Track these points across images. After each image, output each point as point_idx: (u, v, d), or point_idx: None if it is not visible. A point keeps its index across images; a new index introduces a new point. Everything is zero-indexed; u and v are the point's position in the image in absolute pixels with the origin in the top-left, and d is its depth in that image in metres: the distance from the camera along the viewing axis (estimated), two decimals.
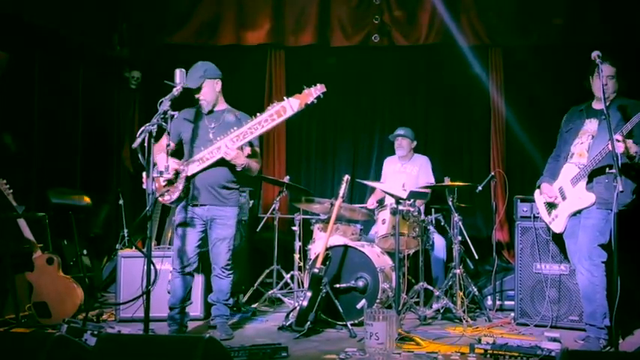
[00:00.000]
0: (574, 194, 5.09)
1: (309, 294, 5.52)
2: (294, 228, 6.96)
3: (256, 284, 6.95)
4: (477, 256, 6.54)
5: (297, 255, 6.85)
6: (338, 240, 6.22)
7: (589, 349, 4.94)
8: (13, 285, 5.62)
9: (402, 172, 7.20)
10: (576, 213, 5.14)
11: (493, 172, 7.04)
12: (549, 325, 5.63)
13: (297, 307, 5.62)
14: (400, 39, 8.11)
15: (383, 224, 6.33)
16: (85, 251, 7.03)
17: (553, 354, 4.46)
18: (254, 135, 5.11)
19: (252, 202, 7.30)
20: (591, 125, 5.14)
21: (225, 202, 5.27)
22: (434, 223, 6.60)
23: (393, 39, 8.12)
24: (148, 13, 8.23)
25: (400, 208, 5.93)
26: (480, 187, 6.39)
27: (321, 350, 4.98)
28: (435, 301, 6.23)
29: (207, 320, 5.83)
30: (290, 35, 8.24)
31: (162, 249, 6.19)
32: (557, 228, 5.34)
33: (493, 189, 7.62)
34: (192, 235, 5.24)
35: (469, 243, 6.40)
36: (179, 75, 4.87)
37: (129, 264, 5.96)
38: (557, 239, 5.60)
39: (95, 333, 4.52)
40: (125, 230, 7.54)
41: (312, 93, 5.10)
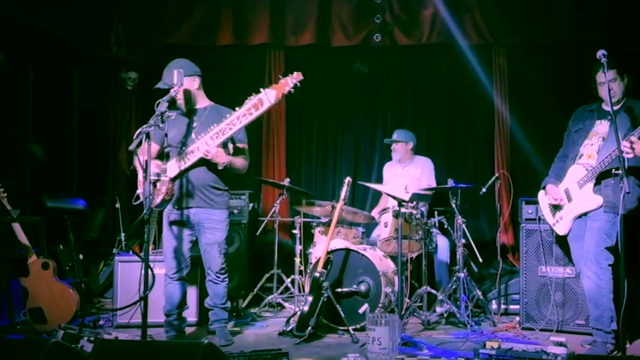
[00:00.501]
0: (580, 196, 5.07)
1: (310, 299, 5.52)
2: (294, 231, 6.96)
3: (256, 289, 6.95)
4: (481, 260, 6.53)
5: (297, 259, 6.85)
6: (339, 243, 6.21)
7: (596, 353, 4.93)
8: (7, 290, 5.62)
9: (405, 175, 7.17)
10: (582, 215, 5.12)
11: (497, 174, 7.03)
12: (555, 330, 5.63)
13: (298, 312, 5.61)
14: (402, 38, 8.11)
15: (385, 227, 6.33)
16: (81, 256, 7.02)
17: (559, 359, 4.45)
18: (233, 130, 4.97)
19: (251, 205, 7.29)
20: (602, 127, 5.11)
21: (213, 205, 5.19)
22: (437, 225, 6.60)
23: (394, 38, 8.12)
24: (144, 12, 8.22)
25: (403, 210, 5.93)
26: (484, 189, 6.38)
27: (323, 356, 4.98)
28: (439, 306, 6.22)
29: (203, 326, 5.82)
30: (290, 35, 8.24)
31: (159, 253, 6.17)
32: (561, 230, 5.32)
33: (497, 191, 7.62)
34: (182, 240, 5.19)
35: (473, 246, 6.40)
36: (177, 75, 4.87)
37: (126, 269, 5.96)
38: (561, 242, 5.59)
39: (92, 339, 4.51)
40: (122, 234, 7.54)
41: (289, 82, 4.98)
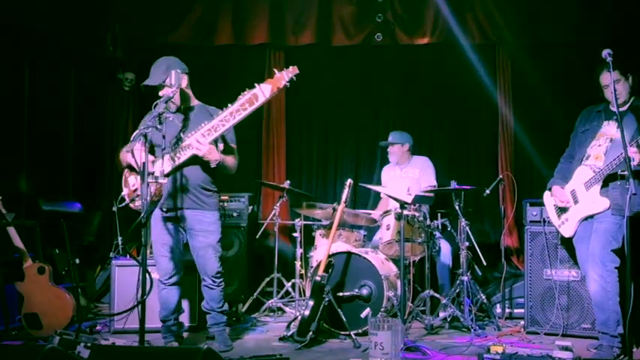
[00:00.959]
0: (587, 198, 5.06)
1: (311, 303, 5.52)
2: (295, 234, 6.96)
3: (256, 293, 6.95)
4: (485, 263, 6.53)
5: (298, 262, 6.85)
6: (341, 246, 6.22)
7: (602, 357, 4.93)
8: (2, 295, 5.62)
9: (404, 177, 7.18)
10: (588, 218, 5.12)
11: (501, 175, 7.03)
12: (561, 334, 5.62)
13: (299, 317, 5.61)
14: (404, 38, 8.13)
15: (387, 230, 6.33)
16: (78, 260, 7.01)
17: None
18: (226, 127, 4.91)
19: (251, 207, 7.29)
20: (610, 128, 5.09)
21: (204, 207, 5.11)
22: (440, 228, 6.60)
23: (396, 38, 8.13)
24: (141, 12, 8.22)
25: (405, 213, 5.92)
26: (488, 191, 6.39)
27: None
28: (442, 310, 6.22)
29: (202, 331, 5.81)
30: (290, 34, 8.26)
31: None
32: (566, 232, 5.32)
33: (501, 193, 7.62)
34: (173, 243, 5.12)
35: (477, 249, 6.40)
36: (174, 76, 4.86)
37: (123, 273, 5.96)
38: (567, 244, 5.58)
39: (88, 345, 4.50)
40: (119, 238, 7.52)
41: (284, 76, 4.92)
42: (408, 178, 7.14)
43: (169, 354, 3.63)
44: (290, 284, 6.85)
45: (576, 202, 5.17)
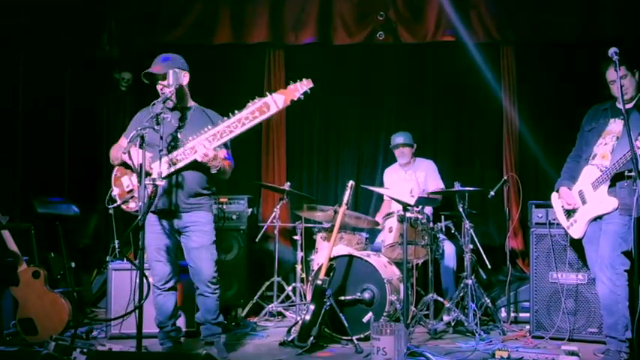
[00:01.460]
0: (595, 198, 5.06)
1: (312, 307, 5.52)
2: (295, 237, 6.96)
3: (256, 297, 6.94)
4: (489, 266, 6.55)
5: (299, 266, 6.85)
6: (342, 249, 6.21)
7: None
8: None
9: (409, 179, 7.18)
10: (597, 218, 5.11)
11: (506, 177, 7.04)
12: (567, 338, 5.62)
13: (300, 322, 5.62)
14: (406, 36, 8.12)
15: (390, 232, 6.33)
16: (73, 264, 7.01)
17: None
18: (234, 134, 4.86)
19: (250, 210, 7.30)
20: (616, 126, 5.10)
21: (198, 207, 5.06)
22: (444, 230, 6.60)
23: (398, 36, 8.13)
24: (138, 10, 8.23)
25: (408, 215, 5.92)
26: (493, 193, 6.38)
27: None
28: (446, 314, 6.21)
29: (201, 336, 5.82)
30: (290, 33, 8.25)
31: None
32: (575, 233, 5.31)
33: (506, 194, 7.62)
34: (168, 248, 5.07)
35: (481, 252, 6.41)
36: (172, 76, 4.86)
37: (120, 277, 5.95)
38: (576, 245, 5.58)
39: (85, 351, 4.51)
40: (116, 241, 7.53)
41: (299, 88, 4.92)
42: (412, 180, 7.14)
43: (167, 359, 3.63)
44: (290, 288, 6.85)
45: (584, 202, 5.16)
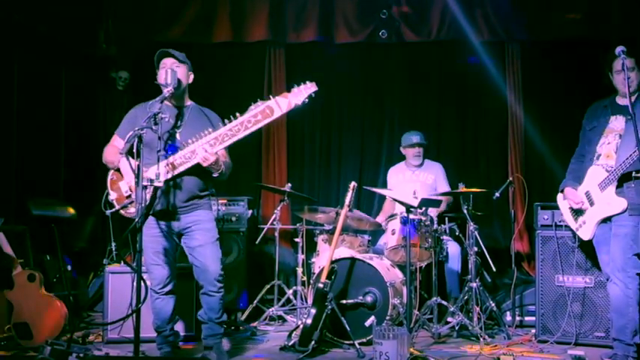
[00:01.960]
0: (603, 200, 5.04)
1: (313, 311, 5.51)
2: (296, 240, 6.95)
3: (256, 301, 6.95)
4: (494, 269, 6.54)
5: (299, 269, 6.85)
6: (344, 252, 6.21)
7: None
8: None
9: (416, 180, 7.18)
10: (606, 220, 5.10)
11: (511, 178, 7.05)
12: (573, 342, 5.62)
13: (301, 326, 5.61)
14: (410, 35, 8.14)
15: (393, 235, 6.33)
16: (70, 267, 7.01)
17: None
18: (236, 138, 4.82)
19: (250, 212, 7.30)
20: (617, 123, 5.10)
21: (198, 207, 5.05)
22: (448, 232, 6.60)
23: (401, 35, 8.15)
24: (136, 8, 8.24)
25: (411, 217, 5.92)
26: (498, 194, 6.38)
27: None
28: (450, 318, 6.22)
29: (199, 341, 5.80)
30: (291, 31, 8.27)
31: None
32: (585, 235, 5.27)
33: (511, 196, 7.61)
34: (166, 251, 5.05)
35: (486, 254, 6.40)
36: (170, 75, 4.86)
37: (117, 280, 5.95)
38: (585, 247, 5.55)
39: (81, 356, 4.52)
40: (113, 244, 7.52)
41: (303, 91, 4.84)
42: (419, 181, 7.14)
43: None
44: (291, 292, 6.85)
45: (592, 203, 5.14)
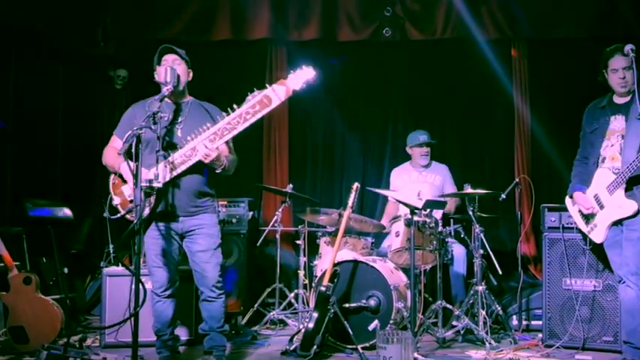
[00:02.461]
0: (612, 203, 5.02)
1: (315, 315, 5.51)
2: (298, 242, 6.95)
3: (257, 305, 6.95)
4: (500, 272, 6.53)
5: (301, 272, 6.85)
6: (347, 255, 6.21)
7: None
8: None
9: (423, 181, 7.16)
10: (617, 223, 5.09)
11: (518, 179, 7.04)
12: (581, 347, 5.61)
13: (303, 330, 5.61)
14: (414, 33, 8.14)
15: (397, 237, 6.32)
16: (66, 269, 7.01)
17: None
18: (236, 131, 4.78)
19: (251, 213, 7.29)
20: (618, 123, 5.09)
21: (201, 210, 5.01)
22: (453, 234, 6.60)
23: (406, 33, 8.15)
24: (134, 5, 8.24)
25: (416, 218, 5.91)
26: (504, 195, 6.38)
27: None
28: (455, 322, 6.20)
29: (199, 345, 5.79)
30: (292, 29, 8.27)
31: None
32: (597, 238, 5.22)
33: (518, 197, 7.60)
34: (168, 254, 5.01)
35: (492, 257, 6.39)
36: (169, 73, 4.86)
37: (115, 283, 5.94)
38: (597, 250, 5.50)
39: None
40: (111, 246, 7.53)
41: (300, 77, 4.84)
42: (426, 182, 7.13)
43: None
44: (293, 295, 6.85)
45: (602, 207, 5.11)
